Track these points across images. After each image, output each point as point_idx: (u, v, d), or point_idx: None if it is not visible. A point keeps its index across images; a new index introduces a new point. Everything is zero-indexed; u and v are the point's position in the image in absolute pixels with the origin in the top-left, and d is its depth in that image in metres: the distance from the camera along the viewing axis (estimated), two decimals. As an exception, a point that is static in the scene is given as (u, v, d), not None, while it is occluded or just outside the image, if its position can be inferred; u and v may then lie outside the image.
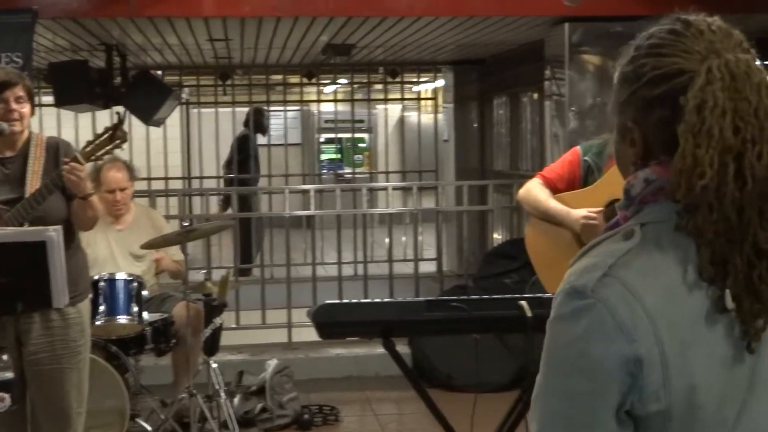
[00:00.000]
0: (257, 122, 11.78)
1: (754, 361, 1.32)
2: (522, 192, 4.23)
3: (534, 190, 4.14)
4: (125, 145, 4.19)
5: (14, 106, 3.84)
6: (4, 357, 3.50)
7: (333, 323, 3.02)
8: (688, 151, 1.29)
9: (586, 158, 4.12)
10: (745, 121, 1.30)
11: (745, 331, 1.31)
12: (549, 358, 1.34)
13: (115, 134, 3.98)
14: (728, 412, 1.30)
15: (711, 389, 1.29)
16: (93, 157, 3.98)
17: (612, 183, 3.93)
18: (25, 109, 3.90)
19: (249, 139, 11.60)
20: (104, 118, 8.07)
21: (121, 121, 4.18)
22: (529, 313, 2.97)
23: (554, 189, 4.11)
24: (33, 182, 3.86)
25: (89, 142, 4.00)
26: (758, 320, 1.30)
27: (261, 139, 11.82)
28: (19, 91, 3.87)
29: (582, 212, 3.91)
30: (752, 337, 1.30)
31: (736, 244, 1.30)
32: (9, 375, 3.45)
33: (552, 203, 4.06)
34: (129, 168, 5.81)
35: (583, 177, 4.10)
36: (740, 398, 1.31)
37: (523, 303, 3.00)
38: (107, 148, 3.98)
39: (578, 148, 4.22)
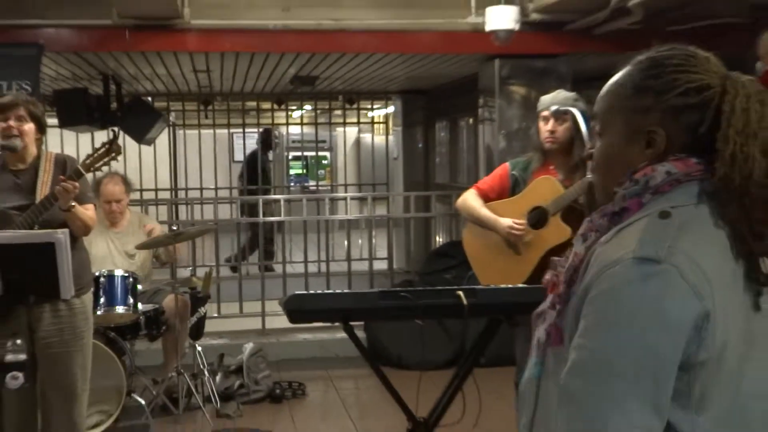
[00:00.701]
0: (265, 141, 11.84)
1: (749, 321, 1.33)
2: (459, 201, 4.24)
3: (469, 199, 4.16)
4: (120, 159, 4.15)
5: (12, 123, 3.79)
6: (18, 341, 3.47)
7: (301, 311, 3.02)
8: (739, 147, 1.32)
9: (513, 172, 4.14)
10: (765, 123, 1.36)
11: (758, 291, 1.34)
12: (617, 321, 1.28)
13: (111, 148, 3.96)
14: (738, 365, 1.30)
15: (734, 344, 1.29)
16: (92, 168, 3.97)
17: (534, 192, 3.96)
18: (26, 126, 3.83)
19: (257, 156, 11.62)
20: (102, 137, 8.01)
21: (116, 137, 4.17)
22: (464, 302, 2.96)
23: (486, 198, 4.13)
24: (42, 191, 3.83)
25: (89, 155, 3.97)
26: None
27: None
28: (20, 112, 3.81)
29: (508, 221, 3.94)
30: (763, 296, 1.35)
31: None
32: (23, 357, 3.42)
33: (484, 211, 4.08)
34: (125, 182, 5.77)
35: (511, 188, 4.12)
36: (747, 350, 1.31)
37: (460, 293, 3.00)
38: (105, 160, 3.96)
39: (507, 164, 4.23)
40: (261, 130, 12.08)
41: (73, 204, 3.77)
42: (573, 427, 1.29)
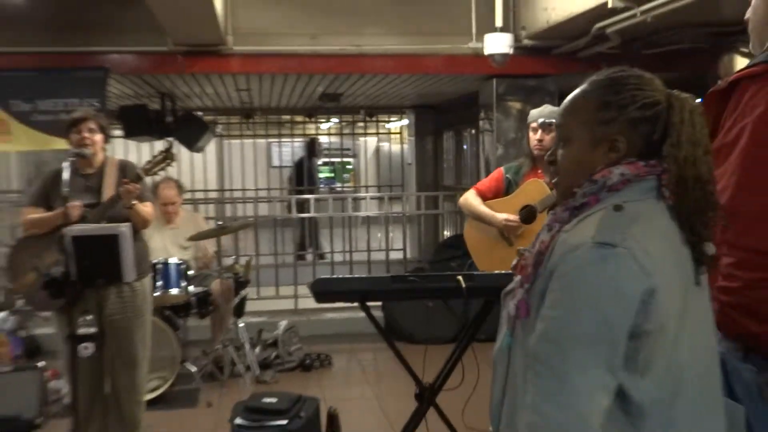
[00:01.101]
0: (310, 149, 11.84)
1: (686, 298, 1.36)
2: (461, 200, 4.23)
3: (470, 198, 4.16)
4: (175, 164, 4.20)
5: (87, 134, 3.85)
6: (89, 317, 3.49)
7: (324, 292, 3.03)
8: (689, 152, 1.36)
9: (507, 176, 4.14)
10: (705, 133, 1.40)
11: (701, 269, 1.38)
12: (577, 295, 1.31)
13: (167, 156, 4.00)
14: (675, 335, 1.32)
15: (673, 317, 1.32)
16: (151, 172, 4.01)
17: (525, 193, 3.96)
18: (97, 137, 3.88)
19: (303, 161, 11.67)
20: (159, 146, 8.07)
21: (170, 146, 4.22)
22: (463, 285, 2.97)
23: (484, 197, 4.13)
24: (108, 192, 3.86)
25: (148, 162, 4.00)
26: (716, 261, 1.40)
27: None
28: (91, 124, 3.86)
29: (503, 216, 3.95)
30: (702, 274, 1.39)
31: (712, 210, 1.38)
32: (93, 330, 3.44)
33: (482, 208, 4.09)
34: (178, 186, 5.82)
35: (505, 189, 4.11)
36: (682, 321, 1.34)
37: (460, 278, 3.01)
38: (161, 165, 3.99)
39: (502, 168, 4.23)
40: (307, 140, 12.05)
41: (134, 202, 3.83)
42: (542, 385, 1.31)
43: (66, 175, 3.67)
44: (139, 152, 9.53)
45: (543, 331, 1.34)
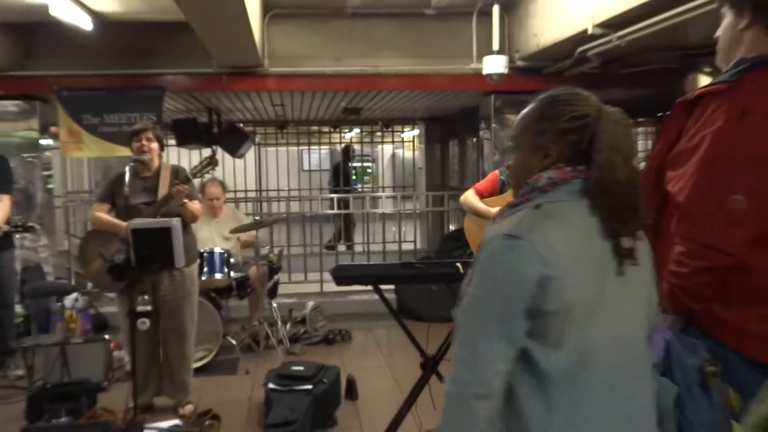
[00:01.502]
0: (346, 154, 11.83)
1: (604, 285, 1.36)
2: (462, 198, 4.26)
3: (469, 197, 4.19)
4: (219, 168, 4.24)
5: (145, 143, 3.92)
6: (146, 297, 3.54)
7: (343, 276, 3.09)
8: (608, 157, 1.36)
9: (501, 177, 4.15)
10: (628, 141, 1.39)
11: (624, 262, 1.37)
12: (484, 279, 1.35)
13: (210, 161, 4.06)
14: (587, 317, 1.34)
15: (580, 302, 1.32)
16: (197, 175, 4.07)
17: None
18: (153, 145, 3.96)
19: (340, 165, 11.66)
20: (206, 153, 8.13)
21: (213, 153, 4.26)
22: (462, 271, 3.00)
23: (481, 196, 4.15)
24: (162, 192, 3.92)
25: (195, 166, 4.08)
26: (635, 252, 1.38)
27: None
28: (149, 134, 3.94)
29: (497, 211, 3.98)
30: (630, 263, 1.38)
31: (630, 210, 1.37)
32: (149, 308, 3.49)
33: (480, 205, 4.11)
34: (222, 185, 5.85)
35: (500, 189, 4.13)
36: (595, 308, 1.34)
37: (458, 264, 3.05)
38: (206, 169, 4.06)
39: (497, 171, 4.26)
40: (343, 146, 11.97)
41: (185, 201, 3.89)
42: (459, 349, 1.37)
43: (127, 177, 3.73)
44: (189, 158, 9.60)
45: (463, 305, 1.39)
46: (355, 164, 14.41)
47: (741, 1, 1.69)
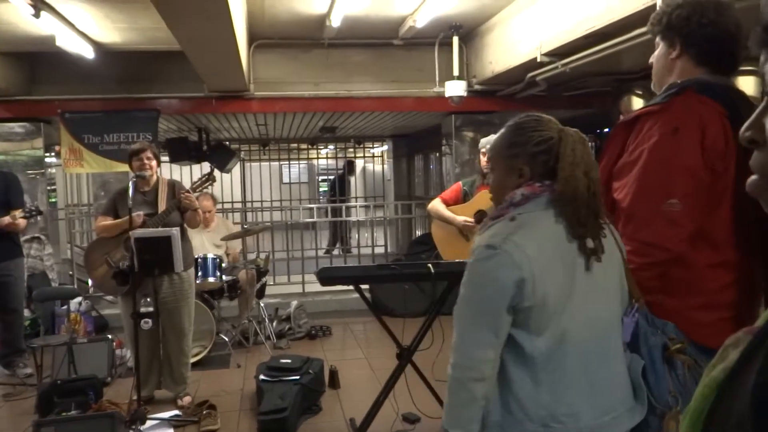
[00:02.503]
0: (349, 168, 11.72)
1: (574, 280, 1.42)
2: (430, 206, 4.23)
3: (436, 205, 4.16)
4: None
5: (146, 162, 3.90)
6: (148, 299, 3.53)
7: (328, 277, 3.05)
8: (569, 172, 1.42)
9: (464, 188, 4.15)
10: (587, 156, 1.44)
11: (591, 258, 1.42)
12: (471, 282, 1.43)
13: (209, 178, 4.06)
14: (560, 308, 1.40)
15: (553, 294, 1.38)
16: (198, 189, 4.05)
17: (478, 202, 3.96)
18: (152, 163, 3.93)
19: (344, 176, 11.54)
20: (196, 169, 8.08)
21: (212, 171, 4.25)
22: (432, 271, 3.02)
23: (447, 204, 4.12)
24: (162, 205, 3.91)
25: (195, 182, 4.05)
26: (600, 250, 1.43)
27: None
28: (148, 153, 3.90)
29: (462, 218, 3.97)
30: (597, 259, 1.43)
31: (590, 215, 1.42)
32: (151, 309, 3.48)
33: (447, 212, 4.07)
34: (213, 198, 5.83)
35: (463, 197, 4.13)
36: (566, 299, 1.40)
37: (430, 265, 3.06)
38: (205, 184, 4.04)
39: (460, 182, 4.25)
40: (346, 161, 11.73)
41: (196, 206, 3.88)
42: (454, 339, 1.45)
43: (130, 191, 3.71)
44: (180, 173, 9.48)
45: (457, 301, 1.47)
46: (330, 176, 14.38)
47: (672, 35, 1.77)
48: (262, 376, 3.97)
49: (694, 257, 1.63)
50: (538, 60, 4.65)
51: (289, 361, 4.10)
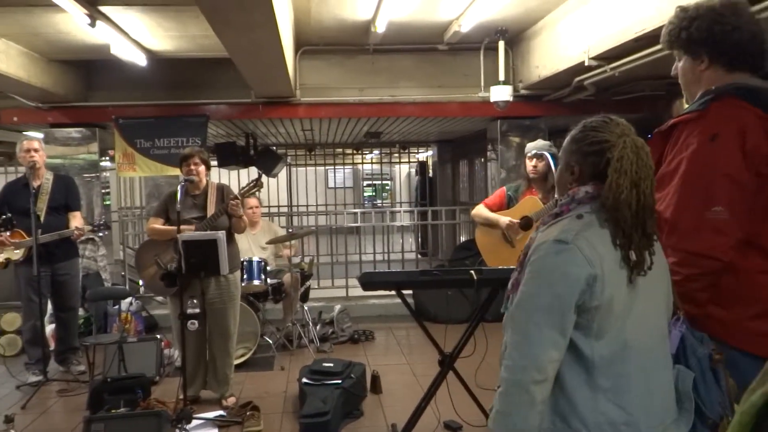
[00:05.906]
0: (422, 170, 11.76)
1: (635, 287, 1.39)
2: (474, 211, 4.20)
3: (480, 209, 4.12)
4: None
5: (193, 166, 3.98)
6: (195, 301, 3.58)
7: (370, 282, 3.03)
8: (614, 180, 1.38)
9: (509, 193, 4.11)
10: (640, 168, 1.39)
11: (634, 271, 1.38)
12: (537, 278, 1.38)
13: (257, 183, 4.10)
14: (624, 312, 1.38)
15: (618, 297, 1.36)
16: (246, 195, 4.11)
17: (523, 206, 3.94)
18: (201, 168, 4.01)
19: (421, 181, 11.54)
20: (244, 173, 8.22)
21: (260, 176, 4.30)
22: (474, 277, 2.97)
23: (490, 210, 4.10)
24: (210, 208, 3.99)
25: (243, 187, 4.10)
26: (643, 265, 1.39)
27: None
28: (196, 159, 3.99)
29: (508, 219, 3.91)
30: (637, 273, 1.39)
31: (636, 227, 1.38)
32: (197, 310, 3.53)
33: (491, 214, 4.03)
34: (259, 199, 5.91)
35: (507, 203, 4.08)
36: (630, 304, 1.38)
37: (472, 272, 3.00)
38: (253, 189, 4.09)
39: (504, 187, 4.22)
40: (419, 163, 11.73)
41: (241, 213, 3.95)
42: (512, 338, 1.40)
43: (179, 195, 3.79)
44: (229, 177, 9.67)
45: (517, 300, 1.42)
46: (375, 182, 14.44)
47: (696, 48, 1.73)
48: (304, 380, 3.98)
49: (744, 265, 1.58)
50: (586, 64, 4.57)
51: (331, 364, 4.11)
